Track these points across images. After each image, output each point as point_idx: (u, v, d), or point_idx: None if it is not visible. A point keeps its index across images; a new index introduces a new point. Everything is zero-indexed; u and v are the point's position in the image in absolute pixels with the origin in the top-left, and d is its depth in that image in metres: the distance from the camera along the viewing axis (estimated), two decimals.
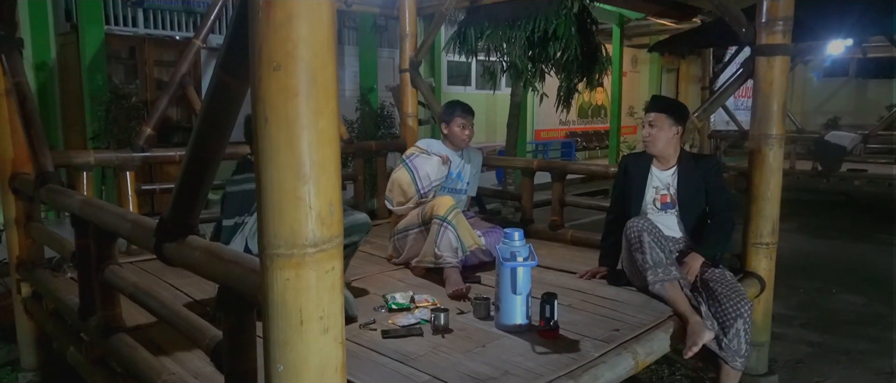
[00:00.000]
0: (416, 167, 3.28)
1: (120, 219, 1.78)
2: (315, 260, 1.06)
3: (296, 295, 1.07)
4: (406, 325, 2.29)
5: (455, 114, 3.34)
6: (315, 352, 1.09)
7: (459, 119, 3.33)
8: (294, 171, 1.04)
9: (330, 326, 1.10)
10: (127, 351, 1.87)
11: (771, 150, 2.81)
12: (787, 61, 2.78)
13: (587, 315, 2.44)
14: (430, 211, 3.01)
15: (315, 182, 1.05)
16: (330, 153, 1.07)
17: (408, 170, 3.28)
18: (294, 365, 1.08)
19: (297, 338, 1.08)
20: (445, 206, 2.96)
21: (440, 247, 2.89)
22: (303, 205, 1.05)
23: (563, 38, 4.63)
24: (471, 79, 10.99)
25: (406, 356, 2.02)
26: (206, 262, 1.37)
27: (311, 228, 1.06)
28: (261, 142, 1.04)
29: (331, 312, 1.10)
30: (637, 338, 2.15)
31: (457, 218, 2.94)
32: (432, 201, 3.07)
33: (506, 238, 2.30)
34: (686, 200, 2.74)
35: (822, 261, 5.23)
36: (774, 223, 2.88)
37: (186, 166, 1.40)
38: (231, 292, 1.30)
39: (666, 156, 2.77)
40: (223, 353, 1.35)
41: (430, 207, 3.02)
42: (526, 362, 1.99)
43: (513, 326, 2.25)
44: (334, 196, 1.08)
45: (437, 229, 2.92)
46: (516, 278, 2.22)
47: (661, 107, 2.76)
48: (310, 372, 1.09)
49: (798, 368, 3.20)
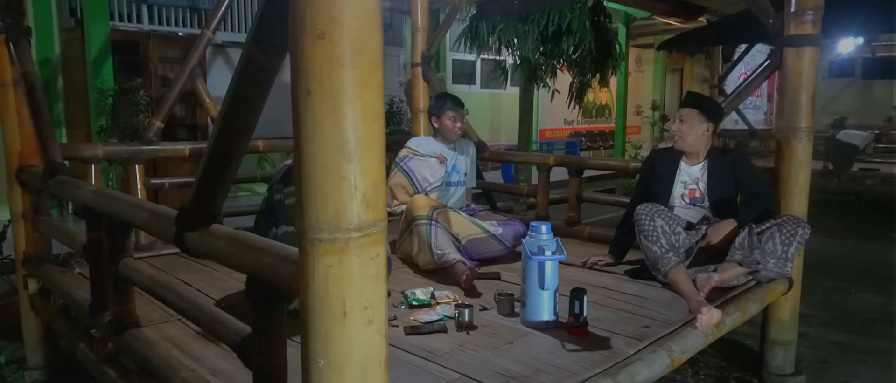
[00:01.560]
0: (412, 170, 3.25)
1: (136, 209, 1.70)
2: (359, 245, 0.99)
3: (338, 284, 0.99)
4: (429, 322, 2.21)
5: (445, 107, 3.30)
6: (358, 346, 1.01)
7: (450, 112, 3.29)
8: (338, 148, 0.96)
9: (374, 318, 1.02)
10: (142, 347, 1.79)
11: (800, 143, 2.74)
12: (816, 52, 2.71)
13: (613, 311, 2.36)
14: (410, 214, 2.94)
15: (360, 160, 0.97)
16: (376, 129, 0.99)
17: (404, 174, 3.27)
18: (336, 359, 1.00)
19: (339, 331, 1.00)
20: (425, 206, 2.90)
21: (438, 245, 2.78)
22: (347, 186, 0.97)
23: (577, 33, 4.55)
24: (476, 77, 10.91)
25: (432, 353, 1.94)
26: (233, 251, 1.29)
27: (356, 211, 0.98)
28: (302, 117, 0.96)
29: (375, 302, 1.02)
30: (671, 336, 2.07)
31: (442, 214, 2.90)
32: (409, 203, 2.99)
33: (532, 231, 2.22)
34: (717, 193, 2.71)
35: (838, 261, 5.15)
36: (804, 218, 2.80)
37: (211, 150, 1.32)
38: (261, 283, 1.22)
39: (695, 152, 2.75)
40: (251, 349, 1.27)
41: (408, 211, 2.95)
42: (557, 360, 1.91)
43: (540, 323, 2.17)
44: (379, 176, 1.01)
45: (426, 229, 2.83)
46: (544, 273, 2.14)
47: (692, 104, 2.74)
48: (353, 367, 1.01)
49: (824, 368, 3.13)
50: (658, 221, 2.53)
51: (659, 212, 2.56)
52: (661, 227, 2.52)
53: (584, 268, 2.92)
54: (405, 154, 3.36)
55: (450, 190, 3.38)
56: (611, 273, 2.87)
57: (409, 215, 2.96)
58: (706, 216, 2.72)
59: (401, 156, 3.36)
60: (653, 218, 2.54)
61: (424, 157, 3.29)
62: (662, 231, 2.51)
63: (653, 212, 2.55)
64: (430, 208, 2.90)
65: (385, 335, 1.06)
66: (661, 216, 2.55)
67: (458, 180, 3.42)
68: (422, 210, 2.89)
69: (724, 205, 2.71)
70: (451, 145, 3.39)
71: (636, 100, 14.00)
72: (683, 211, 2.74)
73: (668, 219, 2.56)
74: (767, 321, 2.91)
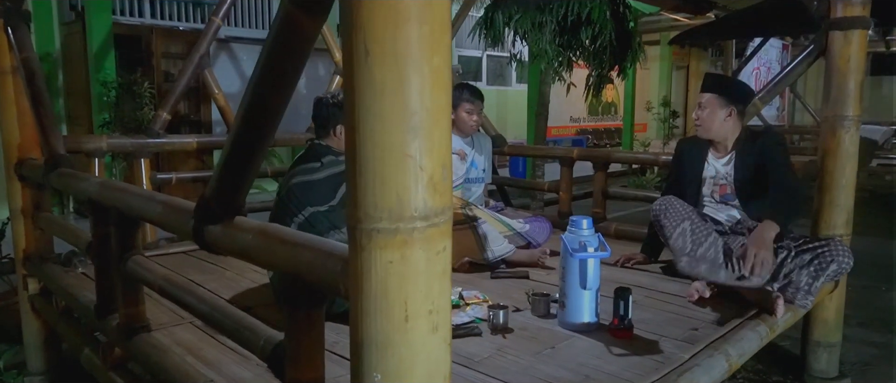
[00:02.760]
0: None
1: (148, 202, 1.54)
2: (425, 237, 0.83)
3: (401, 283, 0.83)
4: (461, 324, 2.05)
5: (462, 98, 3.06)
6: (422, 357, 0.85)
7: (466, 104, 3.05)
8: (402, 121, 0.80)
9: (440, 324, 0.87)
10: (155, 354, 1.63)
11: (847, 133, 2.58)
12: (865, 35, 2.55)
13: (657, 312, 2.20)
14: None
15: (427, 136, 0.81)
16: (444, 101, 0.83)
17: None
18: (396, 373, 0.85)
19: (400, 339, 0.84)
20: (458, 204, 2.79)
21: (489, 244, 2.71)
22: (412, 166, 0.81)
23: (596, 23, 4.39)
24: (482, 74, 10.76)
25: (469, 358, 1.79)
26: (264, 247, 1.13)
27: (422, 196, 0.82)
28: (357, 83, 0.80)
29: (441, 306, 0.86)
30: (725, 338, 1.92)
31: (475, 211, 2.78)
32: None
33: (573, 226, 2.06)
34: (746, 187, 2.47)
35: (863, 258, 4.91)
36: (849, 213, 2.66)
37: (238, 132, 1.16)
38: (299, 282, 1.06)
39: (721, 140, 2.50)
40: (285, 358, 1.11)
41: None
42: (606, 365, 1.75)
43: (580, 325, 2.01)
44: (447, 156, 0.85)
45: (474, 231, 2.73)
46: (586, 271, 1.98)
47: (711, 87, 2.48)
48: (415, 381, 0.85)
49: (867, 370, 2.97)
50: (682, 226, 2.33)
51: (678, 213, 2.36)
52: (686, 232, 2.32)
53: (616, 266, 2.76)
54: None
55: (471, 187, 3.19)
56: (646, 271, 2.71)
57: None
58: (740, 220, 2.48)
59: None
60: (672, 219, 2.36)
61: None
62: (687, 235, 2.33)
63: (672, 211, 2.38)
64: (463, 206, 2.76)
65: (450, 343, 0.90)
66: (684, 217, 2.35)
67: (477, 176, 3.23)
68: (457, 210, 2.74)
69: (756, 201, 2.45)
70: (469, 140, 3.20)
71: (642, 98, 13.82)
72: (715, 210, 2.53)
73: (693, 225, 2.34)
74: (810, 322, 2.75)
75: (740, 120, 2.48)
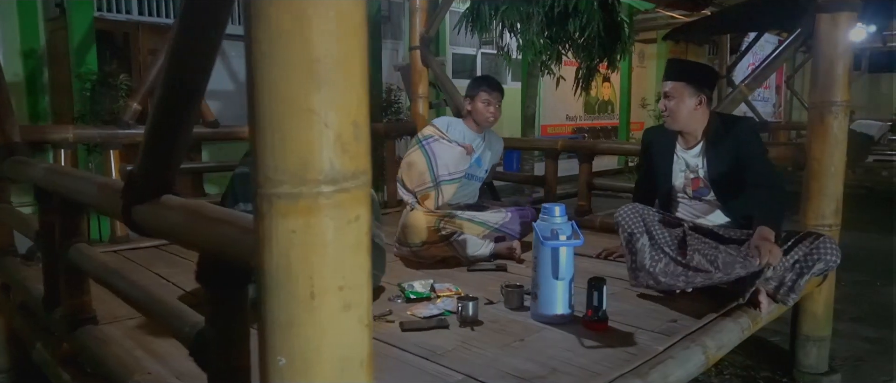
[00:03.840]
0: (435, 153, 2.89)
1: (85, 183, 1.45)
2: (334, 203, 0.74)
3: (305, 255, 0.74)
4: (429, 317, 1.96)
5: (480, 89, 2.94)
6: (332, 338, 0.76)
7: (484, 94, 2.92)
8: (302, 71, 0.71)
9: (354, 301, 0.77)
10: (95, 346, 1.54)
11: (835, 119, 2.48)
12: (853, 18, 2.46)
13: (635, 305, 2.12)
14: (413, 238, 2.71)
15: (334, 87, 0.72)
16: (355, 46, 0.74)
17: (424, 154, 2.90)
18: (302, 356, 0.75)
19: (306, 318, 0.75)
20: (431, 222, 2.68)
21: (469, 251, 2.67)
22: (316, 122, 0.72)
23: (584, 14, 4.30)
24: (477, 72, 10.66)
25: (432, 351, 1.70)
26: (186, 224, 1.04)
27: (329, 157, 0.73)
28: (253, 23, 0.71)
29: (355, 281, 0.77)
30: (704, 330, 1.83)
31: (450, 223, 2.67)
32: (405, 223, 2.75)
33: (545, 213, 1.97)
34: (721, 181, 2.31)
35: (858, 254, 4.90)
36: (838, 202, 2.56)
37: (161, 100, 1.07)
38: (218, 262, 0.97)
39: (691, 131, 2.34)
40: (207, 345, 1.02)
41: (412, 233, 2.71)
42: (576, 358, 1.66)
43: (553, 317, 1.93)
44: (360, 112, 0.76)
45: (453, 249, 2.68)
46: (558, 260, 1.90)
47: (677, 74, 2.30)
48: (325, 366, 0.76)
49: (859, 366, 2.87)
50: (641, 241, 2.16)
51: (638, 226, 2.20)
52: (644, 247, 2.15)
53: (597, 259, 2.67)
54: (430, 133, 2.96)
55: (470, 184, 3.04)
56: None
57: (415, 238, 2.70)
58: (724, 224, 2.34)
59: (425, 135, 2.97)
60: (631, 231, 2.20)
61: (451, 144, 2.91)
62: (645, 250, 2.15)
63: (631, 223, 2.22)
64: (435, 224, 2.68)
65: (369, 324, 0.81)
66: (643, 232, 2.19)
67: (479, 175, 3.07)
68: (432, 230, 2.68)
69: (734, 197, 2.31)
70: (481, 135, 3.04)
71: (639, 96, 13.74)
72: (690, 207, 2.40)
73: (652, 241, 2.17)
74: (799, 315, 2.65)
75: (709, 106, 2.34)
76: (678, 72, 2.32)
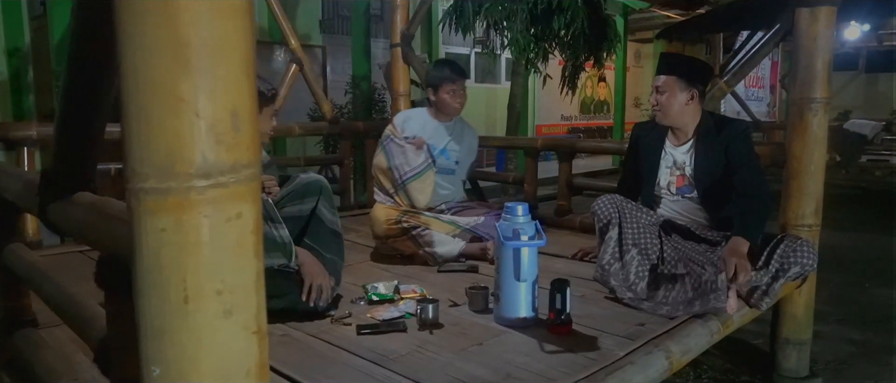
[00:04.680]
0: (391, 153, 2.81)
1: (12, 180, 1.39)
2: (208, 200, 0.67)
3: (177, 256, 0.67)
4: (388, 320, 1.90)
5: (443, 77, 2.81)
6: (211, 347, 0.70)
7: (449, 84, 2.80)
8: (170, 55, 0.65)
9: (236, 306, 0.71)
10: (29, 350, 1.48)
11: (815, 117, 2.41)
12: (833, 12, 2.39)
13: (604, 307, 2.05)
14: (381, 230, 2.69)
15: (206, 74, 0.66)
16: (233, 30, 0.68)
17: (386, 156, 2.83)
18: (177, 366, 0.69)
19: (180, 325, 0.68)
20: (393, 216, 2.66)
21: (434, 249, 2.60)
22: (185, 111, 0.65)
23: (568, 10, 4.23)
24: (470, 71, 10.60)
25: (384, 356, 1.63)
26: (87, 222, 0.98)
27: (201, 149, 0.66)
28: (119, 7, 0.65)
29: (238, 285, 0.71)
30: (670, 334, 1.76)
31: (415, 218, 2.63)
32: (372, 219, 2.74)
33: (507, 213, 1.90)
34: (705, 180, 2.25)
35: (849, 254, 4.83)
36: (818, 201, 2.49)
37: (69, 85, 1.01)
38: (115, 262, 0.91)
39: (681, 127, 2.29)
40: (111, 353, 0.96)
41: (377, 227, 2.70)
42: (534, 363, 1.60)
43: (516, 320, 1.86)
44: (241, 100, 0.69)
45: (414, 240, 2.61)
46: (520, 261, 1.83)
47: (669, 68, 2.25)
48: (203, 376, 0.70)
49: (842, 370, 2.80)
50: (610, 233, 2.12)
51: (611, 218, 2.16)
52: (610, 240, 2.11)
53: (573, 260, 2.61)
54: (388, 132, 2.87)
55: (446, 180, 2.90)
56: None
57: (380, 232, 2.70)
58: (704, 223, 2.27)
59: (384, 135, 2.89)
60: (604, 222, 2.16)
61: (402, 145, 2.80)
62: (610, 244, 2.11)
63: (605, 213, 2.18)
64: (397, 218, 2.64)
65: (258, 331, 0.74)
66: (614, 224, 2.14)
67: (447, 168, 2.91)
68: (391, 225, 2.64)
69: (715, 195, 2.24)
70: (449, 124, 2.91)
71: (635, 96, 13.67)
72: (671, 204, 2.34)
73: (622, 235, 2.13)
74: (779, 318, 2.59)
75: (701, 102, 2.30)
76: (670, 65, 2.28)
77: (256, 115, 0.73)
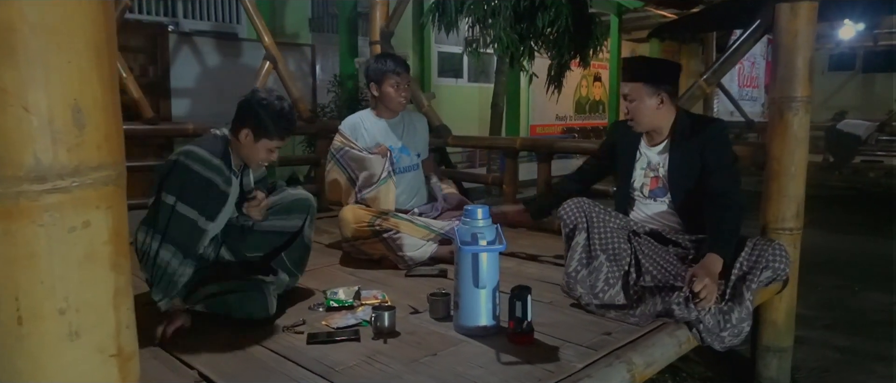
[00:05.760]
0: (349, 165, 2.69)
1: None
2: (43, 207, 0.59)
3: (7, 271, 0.59)
4: (342, 327, 1.81)
5: (386, 70, 2.66)
6: (54, 372, 0.61)
7: (392, 77, 2.66)
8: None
9: (84, 327, 0.63)
10: None
11: (795, 116, 2.33)
12: (814, 8, 2.31)
13: (570, 315, 1.97)
14: (350, 232, 2.58)
15: (38, 63, 0.58)
16: (75, 13, 0.59)
17: (341, 169, 2.71)
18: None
19: (14, 348, 0.60)
20: (364, 219, 2.54)
21: (405, 251, 2.51)
22: (11, 106, 0.57)
23: (552, 7, 4.15)
24: (463, 71, 10.53)
25: (330, 368, 1.55)
26: None
27: (33, 149, 0.58)
28: None
29: (86, 302, 0.63)
30: (634, 345, 1.67)
31: (387, 221, 2.53)
32: (342, 220, 2.62)
33: (466, 216, 1.81)
34: (679, 183, 2.16)
35: (839, 257, 4.75)
36: (799, 204, 2.41)
37: None
38: None
39: (656, 129, 2.20)
40: None
41: (346, 228, 2.59)
42: (488, 376, 1.52)
43: (476, 328, 1.78)
44: (86, 96, 0.61)
45: (386, 245, 2.52)
46: (479, 267, 1.75)
47: (632, 74, 2.16)
48: None
49: (826, 377, 2.71)
50: (577, 238, 2.03)
51: (579, 223, 2.06)
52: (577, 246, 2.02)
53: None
54: (339, 144, 2.72)
55: (404, 177, 2.80)
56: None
57: (349, 234, 2.59)
58: (678, 229, 2.18)
59: (335, 147, 2.74)
60: (572, 226, 2.07)
61: (362, 153, 2.66)
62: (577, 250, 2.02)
63: (573, 217, 2.08)
64: (369, 221, 2.54)
65: (118, 354, 0.66)
66: (582, 229, 2.05)
67: (411, 164, 2.83)
68: (362, 226, 2.55)
69: (689, 200, 2.16)
70: (396, 120, 2.79)
71: None
72: (644, 207, 2.26)
73: (589, 241, 2.04)
74: (759, 325, 2.50)
75: (673, 102, 2.21)
76: (633, 72, 2.18)
77: (115, 110, 0.65)
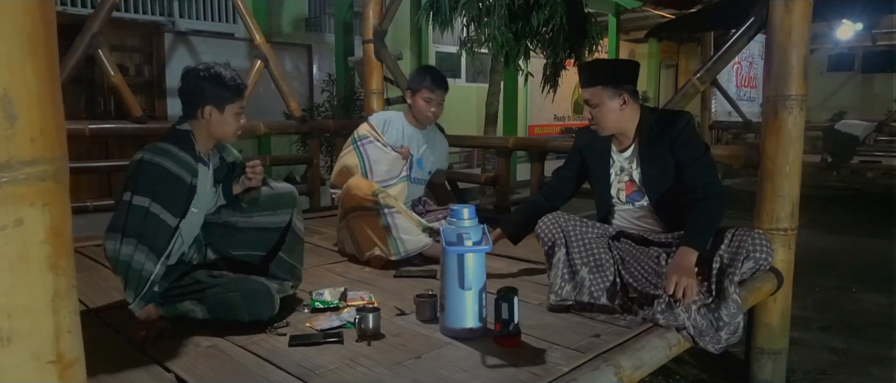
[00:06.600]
0: (369, 155, 2.71)
1: None
2: None
3: None
4: (326, 329, 1.78)
5: (423, 84, 2.72)
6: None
7: (427, 92, 2.72)
8: None
9: (17, 332, 0.59)
10: None
11: (790, 114, 2.30)
12: (808, 5, 2.27)
13: (561, 317, 1.93)
14: (351, 201, 2.53)
15: None
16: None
17: (358, 157, 2.72)
18: None
19: None
20: (367, 190, 2.50)
21: (399, 234, 2.46)
22: None
23: (546, 6, 4.11)
24: (461, 71, 10.50)
25: (310, 371, 1.51)
26: None
27: None
28: None
29: (19, 305, 0.59)
30: (622, 348, 1.64)
31: (386, 199, 2.48)
32: (347, 186, 2.57)
33: (452, 216, 1.78)
34: (655, 184, 2.10)
35: (837, 258, 4.71)
36: (794, 204, 2.37)
37: None
38: None
39: (622, 132, 2.13)
40: None
41: (347, 195, 2.53)
42: (471, 379, 1.48)
43: (462, 331, 1.74)
44: (18, 85, 0.57)
45: (383, 220, 2.46)
46: (465, 268, 1.71)
47: (590, 79, 2.08)
48: None
49: (821, 380, 2.68)
50: (557, 254, 1.97)
51: (557, 239, 2.01)
52: (560, 262, 1.97)
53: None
54: (364, 133, 2.77)
55: (411, 187, 2.83)
56: None
57: (349, 202, 2.54)
58: (658, 229, 2.14)
59: (360, 134, 2.78)
60: (550, 243, 2.01)
61: (386, 148, 2.72)
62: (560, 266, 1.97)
63: (551, 234, 2.02)
64: (374, 192, 2.49)
65: (57, 360, 0.62)
66: (561, 244, 2.00)
67: (420, 178, 2.88)
68: (366, 195, 2.49)
69: (668, 200, 2.10)
70: (423, 132, 2.86)
71: None
72: (624, 213, 2.20)
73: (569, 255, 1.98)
74: (753, 327, 2.47)
75: (636, 101, 2.12)
76: (591, 76, 2.10)
77: (54, 102, 0.61)
